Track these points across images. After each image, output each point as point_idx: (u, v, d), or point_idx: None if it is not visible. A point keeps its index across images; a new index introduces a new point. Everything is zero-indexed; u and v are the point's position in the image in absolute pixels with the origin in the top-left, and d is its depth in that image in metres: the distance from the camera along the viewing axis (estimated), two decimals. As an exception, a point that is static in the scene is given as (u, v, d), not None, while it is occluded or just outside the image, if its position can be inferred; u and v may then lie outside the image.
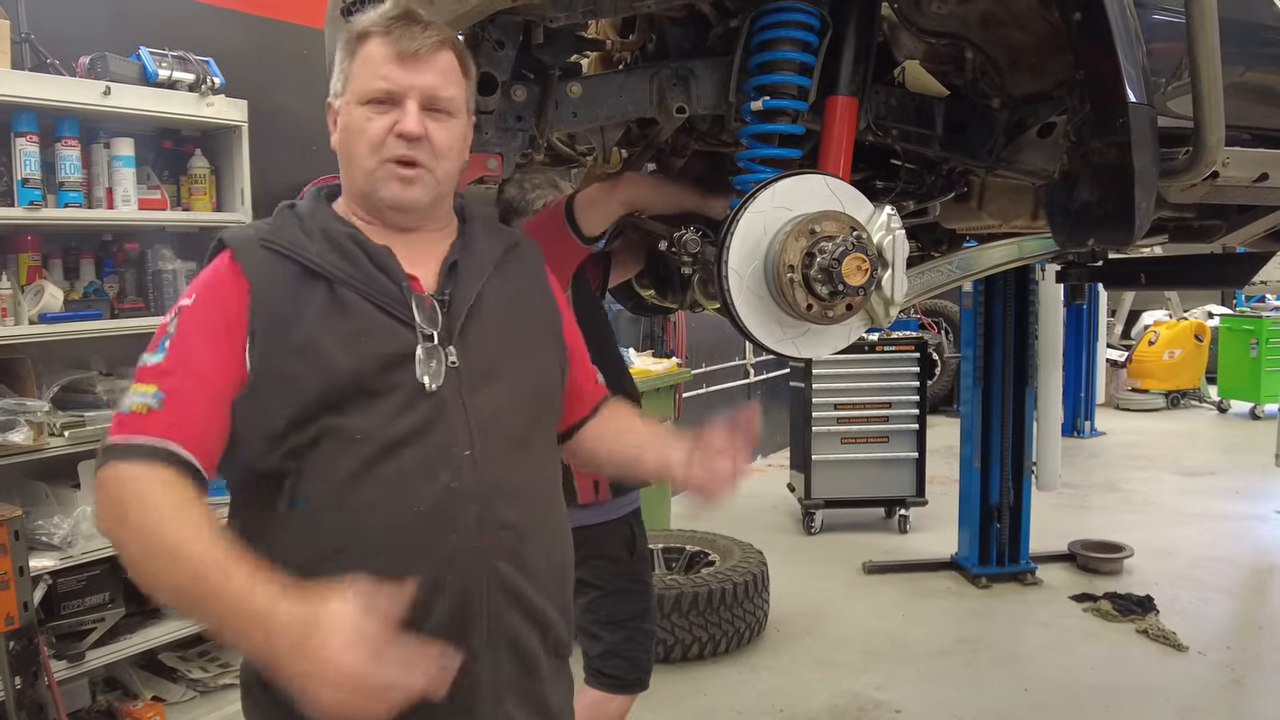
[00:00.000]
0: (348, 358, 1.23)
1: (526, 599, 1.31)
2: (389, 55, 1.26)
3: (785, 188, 1.65)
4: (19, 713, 2.48)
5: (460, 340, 1.29)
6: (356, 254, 1.28)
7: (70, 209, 2.92)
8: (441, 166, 1.30)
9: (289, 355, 1.22)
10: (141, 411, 1.17)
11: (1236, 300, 10.67)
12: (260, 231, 1.31)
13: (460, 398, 1.27)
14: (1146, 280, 3.59)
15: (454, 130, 1.31)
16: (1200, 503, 6.30)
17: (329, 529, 1.22)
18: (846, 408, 5.58)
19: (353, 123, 1.28)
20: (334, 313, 1.24)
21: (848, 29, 1.84)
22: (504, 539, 1.28)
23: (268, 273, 1.26)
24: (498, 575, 1.27)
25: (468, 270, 1.34)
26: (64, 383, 2.97)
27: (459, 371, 1.27)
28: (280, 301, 1.24)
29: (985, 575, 4.75)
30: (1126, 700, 3.55)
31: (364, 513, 1.21)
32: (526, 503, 1.33)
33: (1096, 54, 1.65)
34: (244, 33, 3.71)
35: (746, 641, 4.00)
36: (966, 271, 2.40)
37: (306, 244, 1.28)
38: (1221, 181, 1.78)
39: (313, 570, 1.13)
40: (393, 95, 1.26)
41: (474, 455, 1.26)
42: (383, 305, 1.26)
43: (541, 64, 1.79)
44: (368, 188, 1.30)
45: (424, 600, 1.21)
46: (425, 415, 1.24)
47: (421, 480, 1.23)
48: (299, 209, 1.35)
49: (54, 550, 2.83)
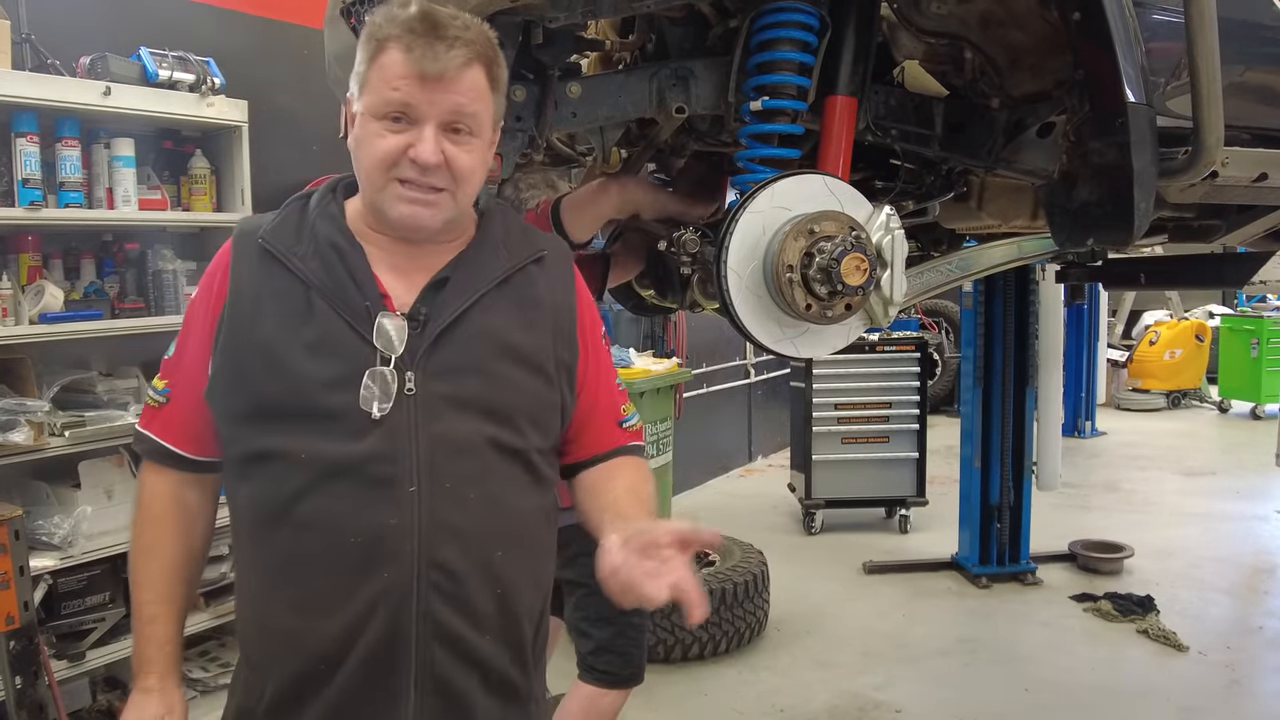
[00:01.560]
0: (301, 365, 1.20)
1: (463, 641, 1.24)
2: (409, 72, 1.15)
3: (784, 188, 1.65)
4: (19, 712, 2.48)
5: (424, 365, 1.21)
6: (334, 263, 1.23)
7: (71, 209, 2.92)
8: (462, 190, 1.22)
9: (248, 351, 1.23)
10: (154, 406, 1.32)
11: (1237, 300, 10.66)
12: (263, 226, 1.29)
13: (412, 428, 1.20)
14: (1146, 280, 3.58)
15: (475, 152, 1.22)
16: (1201, 503, 6.30)
17: (274, 541, 1.23)
18: (847, 408, 5.58)
19: (365, 135, 1.20)
20: (300, 319, 1.21)
21: (847, 29, 1.84)
22: (440, 582, 1.21)
23: (251, 271, 1.25)
24: (431, 616, 1.21)
25: (456, 288, 1.25)
26: (64, 383, 2.97)
27: (415, 399, 1.20)
28: (253, 300, 1.24)
29: (985, 575, 4.74)
30: (1127, 700, 3.54)
31: (303, 533, 1.20)
32: (476, 547, 1.23)
33: (1096, 54, 1.65)
34: (244, 33, 3.71)
35: (747, 641, 4.00)
36: (966, 271, 2.40)
37: (295, 245, 1.25)
38: (1221, 181, 1.79)
39: (268, 573, 1.23)
40: (410, 114, 1.17)
41: (419, 492, 1.19)
42: (348, 320, 1.21)
43: (541, 64, 1.79)
44: (376, 203, 1.23)
45: (349, 633, 1.20)
46: (371, 445, 1.19)
47: (358, 512, 1.19)
48: (307, 204, 1.31)
49: (54, 550, 2.83)
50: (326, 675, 1.22)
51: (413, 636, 1.21)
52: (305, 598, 1.22)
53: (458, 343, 1.23)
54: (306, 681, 1.23)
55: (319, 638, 1.22)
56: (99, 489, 2.99)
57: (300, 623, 1.22)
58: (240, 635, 1.35)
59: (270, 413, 1.21)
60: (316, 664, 1.22)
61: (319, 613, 1.21)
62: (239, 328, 1.23)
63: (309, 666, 1.23)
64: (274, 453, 1.21)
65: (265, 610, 1.26)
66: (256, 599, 1.27)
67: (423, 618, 1.21)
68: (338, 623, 1.21)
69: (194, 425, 1.30)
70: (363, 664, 1.21)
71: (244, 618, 1.32)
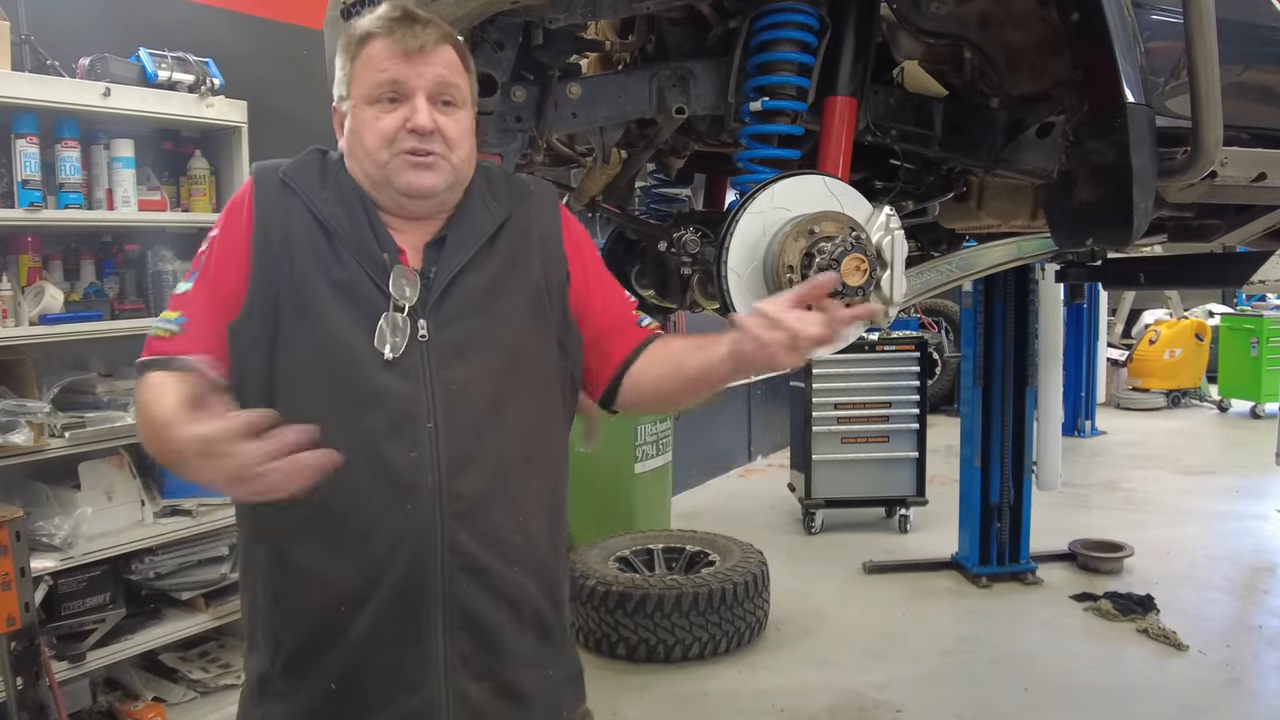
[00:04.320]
0: (328, 306, 1.26)
1: (491, 573, 1.27)
2: (393, 53, 1.27)
3: (784, 188, 1.66)
4: (20, 713, 2.48)
5: (435, 314, 1.28)
6: (359, 213, 1.30)
7: (70, 210, 2.92)
8: (456, 155, 1.31)
9: (283, 284, 1.26)
10: (165, 336, 1.28)
11: (1237, 299, 10.66)
12: (282, 166, 1.35)
13: (427, 371, 1.26)
14: (1146, 280, 3.59)
15: (463, 121, 1.32)
16: (1201, 502, 6.30)
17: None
18: (847, 407, 5.57)
19: (361, 124, 1.29)
20: (329, 261, 1.28)
21: (846, 29, 1.84)
22: (462, 509, 1.25)
23: (276, 208, 1.30)
24: (457, 548, 1.25)
25: (455, 245, 1.33)
26: (64, 384, 2.97)
27: (427, 345, 1.27)
28: (282, 236, 1.28)
29: (985, 575, 4.74)
30: (1127, 699, 3.54)
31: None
32: (495, 472, 1.29)
33: (1095, 54, 1.65)
34: (243, 34, 3.71)
35: (747, 641, 4.00)
36: (966, 271, 2.40)
37: (319, 190, 1.32)
38: (1220, 181, 1.79)
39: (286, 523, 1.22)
40: (400, 90, 1.27)
41: (436, 427, 1.25)
42: (367, 269, 1.28)
43: (541, 65, 1.79)
44: (382, 178, 1.30)
45: (374, 570, 1.23)
46: (385, 383, 1.24)
47: (378, 448, 1.23)
48: (328, 156, 1.37)
49: (55, 551, 2.83)
50: (349, 618, 1.23)
51: (438, 570, 1.24)
52: (326, 538, 1.24)
53: (463, 293, 1.31)
54: (329, 627, 1.24)
55: (342, 578, 1.24)
56: (99, 490, 2.99)
57: (322, 564, 1.24)
58: (248, 613, 1.35)
59: (301, 346, 1.25)
60: (338, 606, 1.24)
61: (341, 552, 1.23)
62: (269, 261, 1.27)
63: (332, 610, 1.24)
64: (296, 385, 1.25)
65: (283, 563, 1.26)
66: (272, 556, 1.27)
67: (449, 551, 1.24)
68: (362, 561, 1.23)
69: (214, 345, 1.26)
70: (389, 602, 1.23)
71: (252, 588, 1.32)
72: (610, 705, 3.49)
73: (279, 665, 1.28)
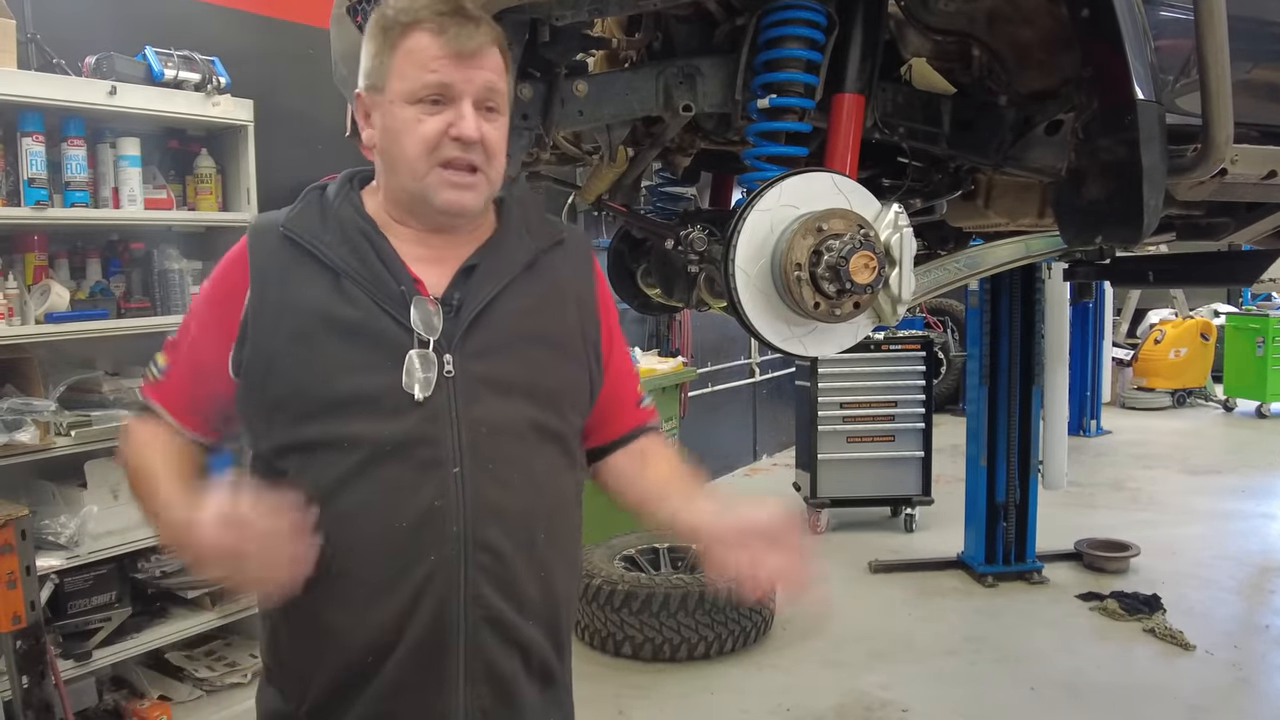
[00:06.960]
0: (338, 352, 1.21)
1: (508, 624, 1.25)
2: (445, 53, 1.18)
3: (792, 186, 1.65)
4: (26, 712, 2.48)
5: (461, 348, 1.22)
6: (365, 249, 1.24)
7: (76, 209, 2.92)
8: (494, 168, 1.25)
9: (281, 341, 1.22)
10: (154, 378, 1.33)
11: (1243, 298, 10.64)
12: (282, 218, 1.29)
13: (453, 410, 1.21)
14: (1154, 278, 3.58)
15: (502, 128, 1.26)
16: (1207, 501, 6.28)
17: (315, 535, 1.19)
18: (852, 406, 5.56)
19: (400, 124, 1.21)
20: (334, 305, 1.22)
21: (854, 26, 1.84)
22: (487, 563, 1.21)
23: (274, 262, 1.25)
24: (480, 600, 1.22)
25: (486, 274, 1.27)
26: (70, 382, 2.97)
27: (454, 381, 1.21)
28: (280, 290, 1.23)
29: (991, 574, 4.73)
30: (1133, 699, 3.53)
31: (346, 523, 1.19)
32: (521, 525, 1.25)
33: (1104, 51, 1.64)
34: (250, 32, 3.72)
35: (753, 640, 3.99)
36: (973, 270, 2.39)
37: (321, 233, 1.25)
38: (1230, 179, 1.78)
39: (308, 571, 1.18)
40: (447, 93, 1.19)
41: (462, 473, 1.20)
42: (383, 305, 1.22)
43: (548, 62, 1.78)
44: (418, 191, 1.23)
45: (397, 622, 1.20)
46: (412, 426, 1.19)
47: (404, 495, 1.19)
48: (325, 194, 1.31)
49: (61, 550, 2.84)
50: (374, 668, 1.21)
51: (461, 621, 1.21)
52: (350, 590, 1.20)
53: (492, 326, 1.25)
54: (353, 678, 1.22)
55: (367, 629, 1.21)
56: (105, 488, 2.99)
57: (346, 617, 1.21)
58: (269, 646, 1.32)
59: (309, 402, 1.21)
60: (364, 657, 1.21)
61: (366, 603, 1.20)
62: (267, 319, 1.22)
63: (356, 660, 1.22)
64: (314, 442, 1.20)
65: (305, 611, 1.22)
66: (293, 603, 1.22)
67: (471, 601, 1.21)
68: (386, 612, 1.20)
69: (185, 404, 1.30)
70: (411, 653, 1.20)
71: (274, 626, 1.29)
72: (616, 704, 3.49)
73: (305, 709, 1.26)
